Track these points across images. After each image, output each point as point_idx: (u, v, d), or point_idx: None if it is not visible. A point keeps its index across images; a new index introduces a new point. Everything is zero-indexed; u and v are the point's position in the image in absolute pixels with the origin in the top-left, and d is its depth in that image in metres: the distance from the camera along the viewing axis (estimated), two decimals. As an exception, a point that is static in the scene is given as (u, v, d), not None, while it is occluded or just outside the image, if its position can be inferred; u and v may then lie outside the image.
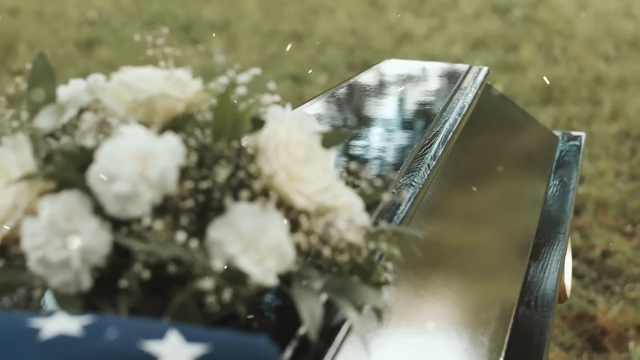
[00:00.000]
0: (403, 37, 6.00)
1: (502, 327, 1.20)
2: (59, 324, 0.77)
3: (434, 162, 1.33)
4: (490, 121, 1.73)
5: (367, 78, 1.76)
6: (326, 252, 0.90)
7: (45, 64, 0.96)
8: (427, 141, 1.40)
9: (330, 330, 0.95)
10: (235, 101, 0.91)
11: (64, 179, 0.85)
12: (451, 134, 1.46)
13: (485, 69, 1.78)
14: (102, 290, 0.87)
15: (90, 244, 0.84)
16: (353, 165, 0.92)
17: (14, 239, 0.89)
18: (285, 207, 0.89)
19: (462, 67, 1.81)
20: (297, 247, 0.89)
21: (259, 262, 0.85)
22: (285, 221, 0.87)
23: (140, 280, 0.83)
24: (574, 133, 1.93)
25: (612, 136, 4.29)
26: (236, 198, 0.87)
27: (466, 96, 1.61)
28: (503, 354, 1.16)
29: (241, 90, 0.92)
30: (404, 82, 1.74)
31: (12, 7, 6.68)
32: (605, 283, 3.19)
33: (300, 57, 5.31)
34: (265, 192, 0.88)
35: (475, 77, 1.72)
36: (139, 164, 0.84)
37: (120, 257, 0.86)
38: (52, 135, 0.95)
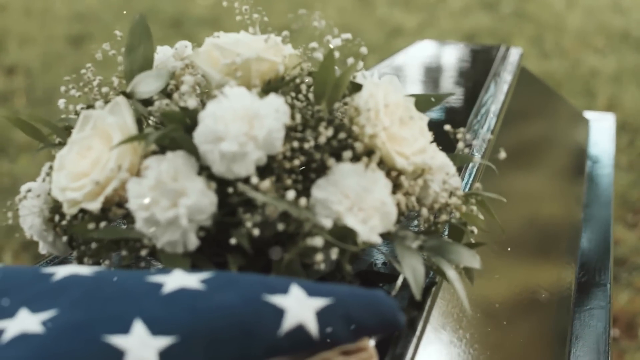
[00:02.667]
0: (394, 31, 6.01)
1: (566, 298, 1.22)
2: (179, 279, 0.77)
3: (490, 136, 1.34)
4: (526, 101, 1.75)
5: (403, 59, 1.77)
6: (424, 212, 0.91)
7: (145, 26, 0.96)
8: (479, 117, 1.41)
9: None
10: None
11: (171, 139, 0.85)
12: (499, 111, 1.47)
13: (519, 49, 1.79)
14: (205, 251, 0.87)
15: (198, 203, 0.84)
16: (448, 127, 0.92)
17: (113, 201, 0.89)
18: (384, 168, 0.89)
19: (495, 47, 1.82)
20: (397, 207, 0.89)
21: (364, 221, 0.86)
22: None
23: (250, 238, 0.84)
24: (604, 113, 1.95)
25: (609, 128, 4.32)
26: (337, 158, 0.88)
27: (508, 74, 1.62)
28: (570, 329, 1.17)
29: (336, 55, 0.92)
30: (442, 62, 1.75)
31: (-1, 3, 6.64)
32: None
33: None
34: (366, 153, 0.88)
35: (512, 57, 1.73)
36: (245, 123, 0.85)
37: (223, 217, 0.87)
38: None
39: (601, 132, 1.82)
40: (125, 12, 6.12)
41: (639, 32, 5.76)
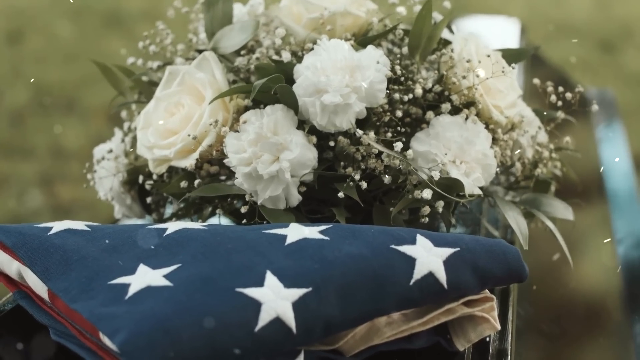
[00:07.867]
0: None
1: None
2: (299, 231, 0.75)
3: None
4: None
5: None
6: (519, 166, 0.90)
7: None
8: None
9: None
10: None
11: (273, 92, 0.83)
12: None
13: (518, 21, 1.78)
14: (300, 208, 0.85)
15: (301, 157, 0.82)
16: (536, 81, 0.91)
17: (206, 158, 0.86)
18: (480, 121, 0.88)
19: (493, 18, 1.80)
20: (493, 160, 0.88)
21: (467, 173, 0.84)
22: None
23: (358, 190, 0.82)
24: (602, 88, 1.96)
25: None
26: (433, 111, 0.86)
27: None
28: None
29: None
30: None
31: None
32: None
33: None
34: (465, 106, 0.87)
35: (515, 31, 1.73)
36: (347, 75, 0.82)
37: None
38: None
39: (608, 107, 1.82)
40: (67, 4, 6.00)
41: (578, 22, 5.86)
